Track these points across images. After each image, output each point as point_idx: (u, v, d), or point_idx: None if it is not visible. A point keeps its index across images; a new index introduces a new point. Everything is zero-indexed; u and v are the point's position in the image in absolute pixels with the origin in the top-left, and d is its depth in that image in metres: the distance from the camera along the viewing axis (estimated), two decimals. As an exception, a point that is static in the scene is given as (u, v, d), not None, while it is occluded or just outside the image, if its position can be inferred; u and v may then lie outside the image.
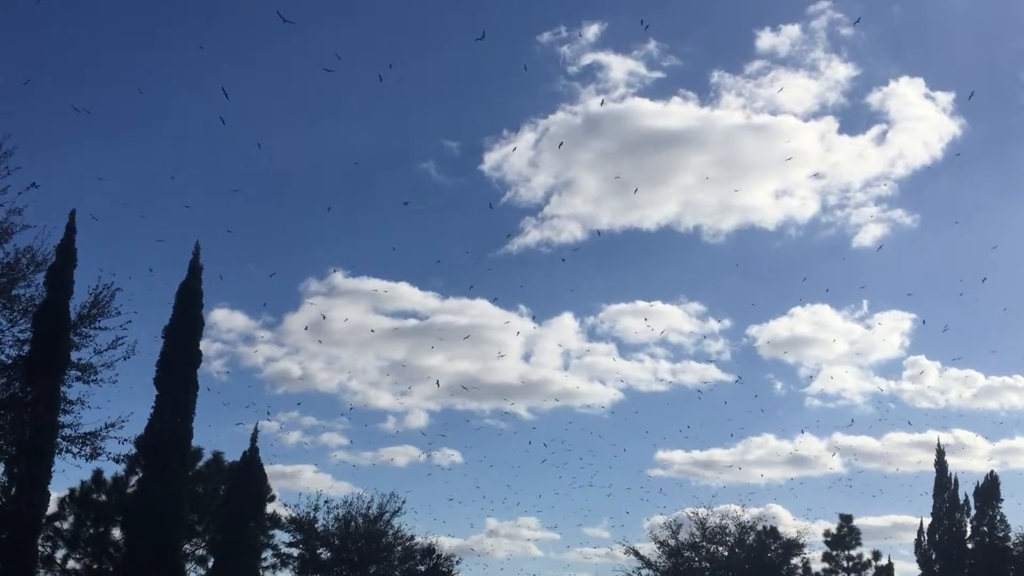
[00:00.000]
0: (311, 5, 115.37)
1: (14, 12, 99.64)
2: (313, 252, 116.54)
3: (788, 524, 67.22)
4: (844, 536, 67.46)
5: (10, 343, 33.84)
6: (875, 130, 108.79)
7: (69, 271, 32.94)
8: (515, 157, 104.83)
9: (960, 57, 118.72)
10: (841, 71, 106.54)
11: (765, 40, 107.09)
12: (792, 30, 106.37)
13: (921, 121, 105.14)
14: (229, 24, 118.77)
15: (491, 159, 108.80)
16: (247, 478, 46.52)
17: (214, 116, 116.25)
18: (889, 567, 66.32)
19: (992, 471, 65.92)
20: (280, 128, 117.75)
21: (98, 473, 46.80)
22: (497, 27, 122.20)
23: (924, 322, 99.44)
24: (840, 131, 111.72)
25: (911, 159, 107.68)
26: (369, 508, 55.78)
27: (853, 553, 67.21)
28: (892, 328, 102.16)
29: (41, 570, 42.55)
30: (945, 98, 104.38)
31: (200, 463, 48.74)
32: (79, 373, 34.78)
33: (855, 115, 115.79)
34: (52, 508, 40.09)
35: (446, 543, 59.48)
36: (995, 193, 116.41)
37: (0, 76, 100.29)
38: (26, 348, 32.94)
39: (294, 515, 54.75)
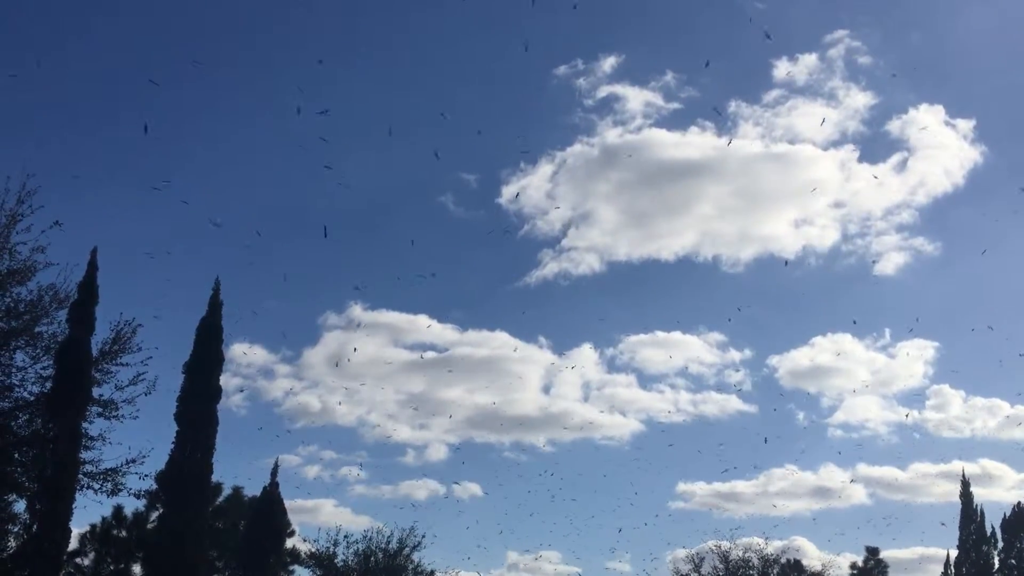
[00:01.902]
0: (328, 39, 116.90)
1: (32, 48, 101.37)
2: (332, 285, 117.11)
3: (813, 557, 66.39)
4: (871, 569, 66.68)
5: (33, 380, 34.12)
6: (895, 158, 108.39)
7: (91, 308, 33.22)
8: (532, 189, 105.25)
9: (980, 84, 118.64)
10: (860, 99, 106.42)
11: (782, 69, 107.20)
12: (809, 59, 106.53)
13: (942, 149, 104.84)
14: (247, 60, 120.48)
15: (509, 192, 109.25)
16: (267, 513, 46.50)
17: (231, 152, 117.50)
18: (916, 600, 65.49)
19: (1019, 502, 65.09)
20: (298, 162, 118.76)
21: (119, 509, 47.02)
22: (514, 60, 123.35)
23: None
24: (860, 159, 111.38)
25: (932, 187, 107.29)
26: (389, 542, 55.49)
27: (880, 586, 66.38)
28: (915, 357, 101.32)
29: (62, 607, 42.58)
30: (966, 125, 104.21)
31: (220, 498, 48.82)
32: (100, 409, 34.99)
33: (875, 143, 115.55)
34: (73, 544, 40.37)
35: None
36: (1018, 220, 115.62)
37: (24, 114, 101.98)
38: (48, 385, 33.20)
39: (314, 550, 54.54)
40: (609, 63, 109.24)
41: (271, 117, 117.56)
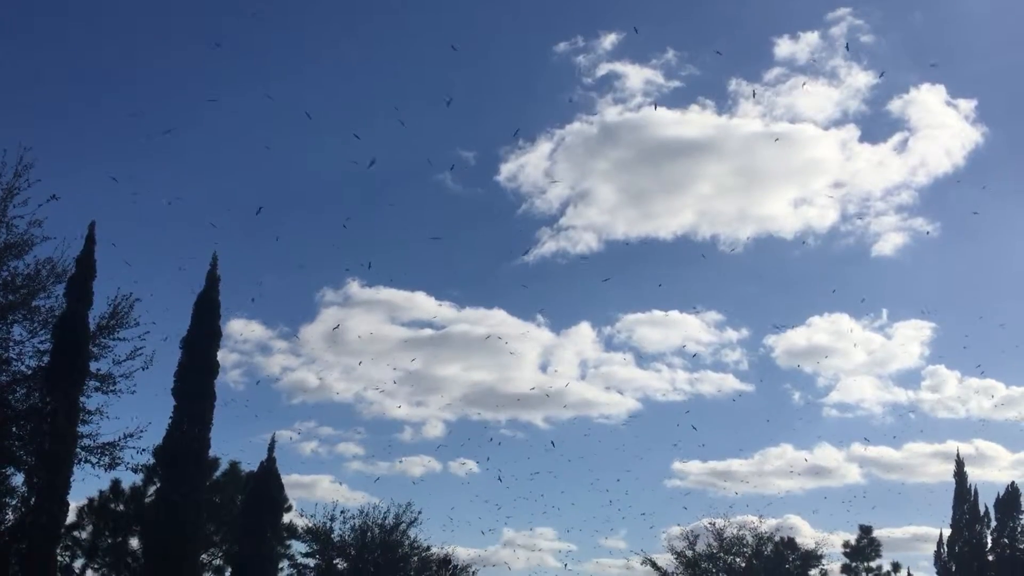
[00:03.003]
0: (329, 14, 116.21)
1: (31, 21, 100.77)
2: (329, 262, 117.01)
3: (807, 535, 66.81)
4: (864, 547, 66.99)
5: (30, 354, 34.20)
6: (896, 138, 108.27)
7: (88, 282, 33.18)
8: (531, 167, 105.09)
9: (982, 63, 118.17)
10: (861, 78, 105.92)
11: (784, 48, 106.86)
12: (811, 37, 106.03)
13: (943, 129, 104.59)
14: (247, 38, 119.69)
15: (507, 170, 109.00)
16: (264, 488, 46.62)
17: (230, 126, 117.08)
18: (909, 579, 65.85)
19: (1013, 482, 65.41)
20: (297, 138, 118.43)
21: (116, 483, 47.12)
22: (514, 37, 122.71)
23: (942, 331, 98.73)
24: (861, 139, 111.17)
25: (932, 167, 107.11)
26: (385, 518, 55.84)
27: (873, 565, 66.75)
28: (911, 337, 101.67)
29: (60, 580, 42.80)
30: (967, 105, 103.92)
31: (217, 473, 48.90)
32: (98, 383, 35.10)
33: (876, 123, 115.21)
34: (71, 518, 40.49)
35: (462, 553, 59.45)
36: (1018, 201, 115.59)
37: (21, 89, 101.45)
38: (46, 359, 33.23)
39: (310, 525, 54.87)
40: (610, 40, 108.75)
41: (269, 90, 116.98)
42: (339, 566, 55.10)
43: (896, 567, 66.27)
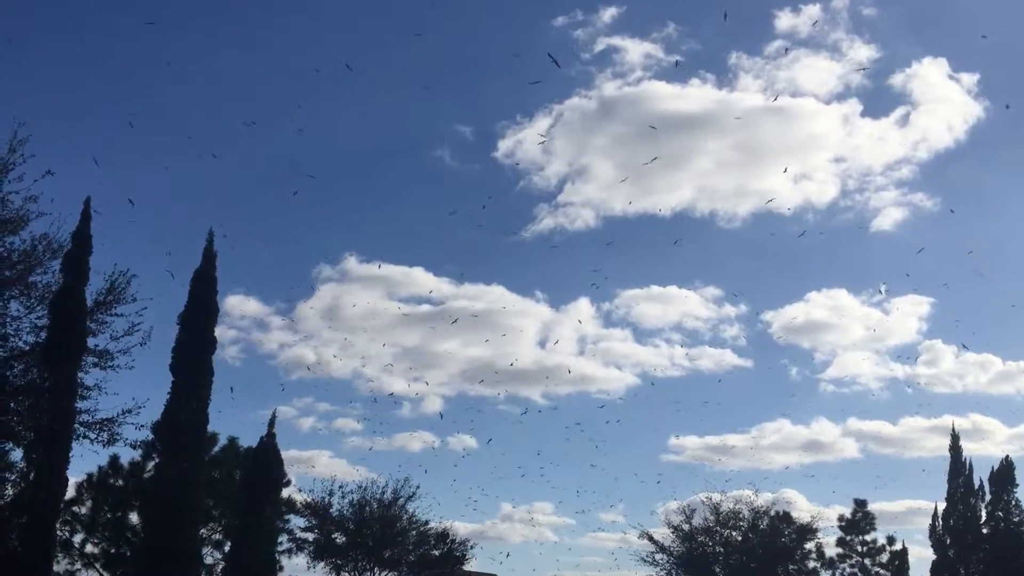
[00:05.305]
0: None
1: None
2: (326, 237, 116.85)
3: (802, 509, 67.37)
4: (859, 521, 67.40)
5: (27, 330, 34.21)
6: (898, 112, 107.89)
7: (85, 258, 33.13)
8: (528, 143, 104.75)
9: (985, 37, 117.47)
10: (863, 52, 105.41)
11: (785, 20, 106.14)
12: (812, 10, 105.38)
13: (944, 103, 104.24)
14: (243, 11, 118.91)
15: (505, 146, 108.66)
16: (263, 463, 46.70)
17: (226, 102, 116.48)
18: (903, 552, 66.24)
19: (1007, 456, 65.73)
20: (294, 114, 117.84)
21: (115, 459, 47.22)
22: (512, 11, 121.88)
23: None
24: (863, 114, 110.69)
25: (934, 142, 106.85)
26: (384, 493, 56.12)
27: (867, 538, 67.16)
28: (909, 312, 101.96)
29: (60, 554, 43.00)
30: (969, 79, 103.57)
31: (216, 448, 49.00)
32: (96, 359, 35.10)
33: (878, 97, 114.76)
34: (70, 493, 40.60)
35: (460, 528, 59.74)
36: (1019, 176, 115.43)
37: (16, 63, 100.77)
38: (43, 335, 33.22)
39: (309, 500, 55.13)
40: (609, 14, 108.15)
41: (266, 65, 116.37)
42: (338, 540, 55.41)
43: (891, 540, 66.73)
